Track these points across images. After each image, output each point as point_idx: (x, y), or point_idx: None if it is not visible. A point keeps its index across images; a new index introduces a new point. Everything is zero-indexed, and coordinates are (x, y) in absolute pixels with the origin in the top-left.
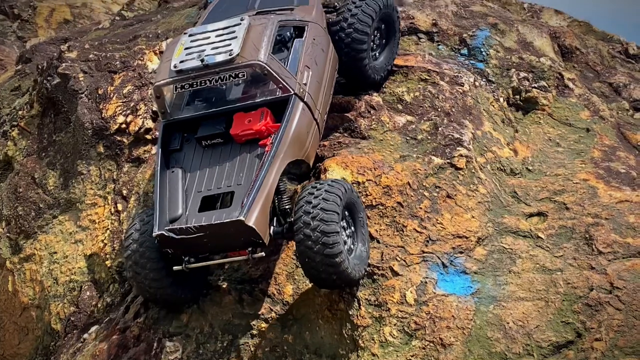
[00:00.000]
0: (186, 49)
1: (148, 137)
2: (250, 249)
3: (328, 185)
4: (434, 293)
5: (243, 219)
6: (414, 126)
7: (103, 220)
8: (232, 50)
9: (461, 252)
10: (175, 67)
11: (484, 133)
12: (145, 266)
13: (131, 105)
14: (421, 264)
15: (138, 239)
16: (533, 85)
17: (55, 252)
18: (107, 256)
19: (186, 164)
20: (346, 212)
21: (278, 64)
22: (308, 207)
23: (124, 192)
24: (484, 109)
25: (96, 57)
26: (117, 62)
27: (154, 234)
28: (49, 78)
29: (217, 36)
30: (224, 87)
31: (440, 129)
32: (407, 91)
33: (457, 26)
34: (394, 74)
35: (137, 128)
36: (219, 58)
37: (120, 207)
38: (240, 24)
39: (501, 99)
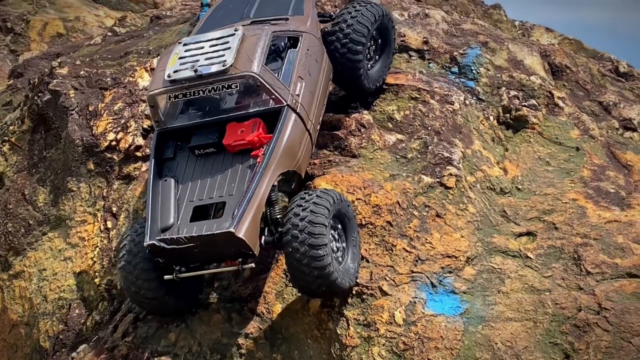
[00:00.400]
0: (180, 58)
1: (138, 154)
2: (240, 259)
3: (316, 196)
4: (423, 313)
5: (233, 230)
6: (404, 145)
7: (92, 238)
8: (225, 61)
9: (450, 272)
10: (169, 76)
11: (474, 152)
12: (140, 276)
13: (122, 122)
14: (410, 283)
15: (132, 249)
16: (523, 104)
17: (45, 269)
18: (96, 274)
19: (179, 173)
20: (336, 222)
21: (271, 75)
22: (296, 220)
23: (114, 209)
24: (474, 128)
25: (87, 74)
26: (108, 79)
27: (145, 244)
28: (40, 94)
29: (211, 46)
30: (217, 96)
31: (430, 147)
32: (397, 109)
33: (448, 44)
34: (385, 92)
35: (127, 145)
36: (213, 69)
37: (110, 224)
38: (234, 34)
39: (491, 118)
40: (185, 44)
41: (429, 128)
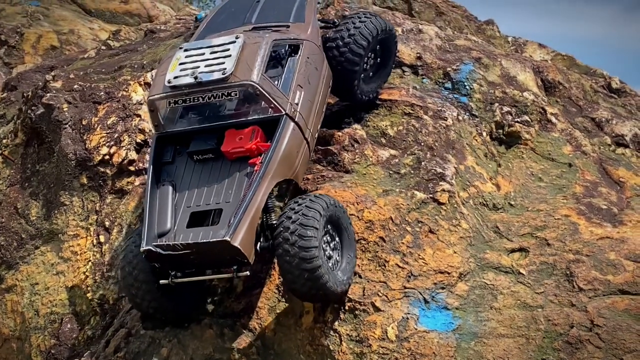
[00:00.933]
0: (181, 64)
1: (131, 168)
2: (235, 267)
3: (309, 200)
4: (416, 329)
5: (229, 239)
6: (397, 160)
7: (85, 252)
8: (225, 69)
9: (443, 288)
10: (169, 82)
11: (467, 167)
12: (140, 280)
13: (115, 136)
14: (403, 299)
15: (133, 251)
16: (516, 120)
17: (37, 284)
18: (89, 288)
19: (177, 178)
20: (331, 227)
21: (270, 84)
22: (288, 223)
23: (107, 223)
24: (467, 143)
25: (81, 88)
26: (102, 93)
27: (141, 249)
28: (33, 108)
29: (211, 53)
30: (217, 103)
31: (423, 163)
32: (390, 125)
33: (441, 60)
34: (378, 107)
35: (120, 159)
36: (213, 76)
37: (102, 238)
38: (234, 42)
39: (484, 133)
40: (185, 50)
41: (422, 144)
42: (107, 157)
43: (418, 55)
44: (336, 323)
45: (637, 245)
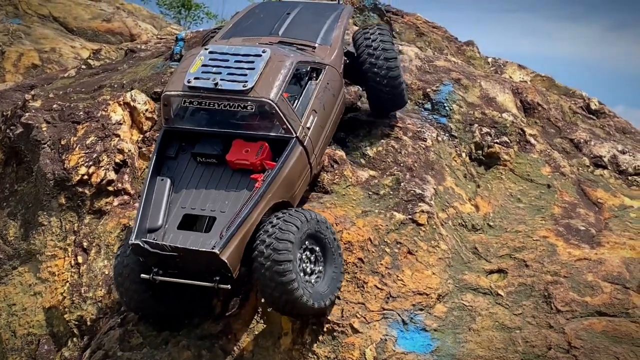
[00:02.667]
0: (203, 65)
1: (110, 188)
2: (217, 278)
3: (289, 214)
4: (394, 351)
5: (218, 252)
6: (376, 181)
7: (63, 273)
8: (247, 82)
9: (421, 309)
10: (189, 82)
11: (446, 188)
12: (127, 273)
13: (94, 156)
14: (381, 321)
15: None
16: (495, 141)
17: (14, 304)
18: (66, 309)
19: (177, 175)
20: (312, 242)
21: (287, 105)
22: (264, 236)
23: (85, 244)
24: (446, 164)
25: (60, 107)
26: (81, 113)
27: (129, 242)
28: (12, 127)
29: (235, 61)
30: (230, 111)
31: (402, 184)
32: (370, 146)
33: (421, 80)
34: (358, 128)
35: (99, 180)
36: (233, 86)
37: (80, 259)
38: (261, 55)
39: (463, 154)
40: (211, 52)
41: (402, 164)
42: (85, 177)
43: None
44: (315, 345)
45: (615, 267)
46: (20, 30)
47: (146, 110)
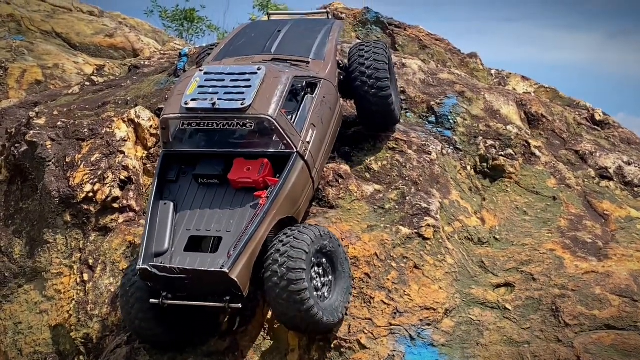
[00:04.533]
0: (200, 87)
1: (115, 205)
2: (227, 298)
3: (298, 232)
4: None
5: (227, 271)
6: (381, 195)
7: (69, 291)
8: (244, 100)
9: (429, 324)
10: (186, 103)
11: (452, 202)
12: (135, 298)
13: (99, 173)
14: (389, 336)
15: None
16: (500, 153)
17: (20, 323)
18: (72, 327)
19: (179, 198)
20: (321, 257)
21: (286, 120)
22: (276, 255)
23: (90, 261)
24: (451, 178)
25: (64, 124)
26: (86, 130)
27: (137, 267)
28: (16, 145)
29: (231, 80)
30: (229, 130)
31: (408, 198)
32: (375, 160)
33: (425, 94)
34: (362, 142)
35: (104, 197)
36: (231, 105)
37: (86, 277)
38: (256, 73)
39: (468, 167)
40: (206, 73)
41: (407, 178)
42: (90, 194)
43: (402, 89)
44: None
45: (623, 280)
46: (23, 47)
47: (150, 126)
